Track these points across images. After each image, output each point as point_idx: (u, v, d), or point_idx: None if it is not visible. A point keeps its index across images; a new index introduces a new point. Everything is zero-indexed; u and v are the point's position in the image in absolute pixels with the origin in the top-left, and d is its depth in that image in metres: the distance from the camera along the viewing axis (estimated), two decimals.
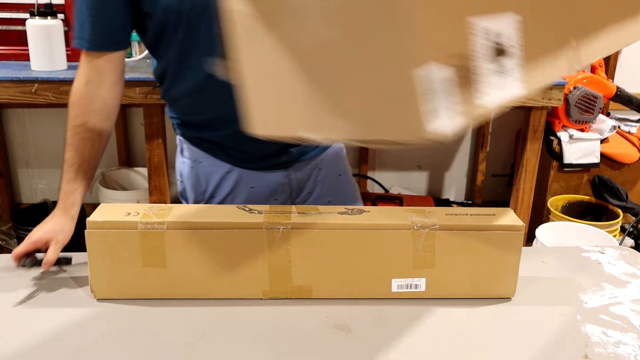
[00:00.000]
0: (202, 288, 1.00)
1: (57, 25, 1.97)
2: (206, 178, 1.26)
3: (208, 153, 1.25)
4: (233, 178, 1.25)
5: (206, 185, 1.27)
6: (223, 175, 1.25)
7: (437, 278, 1.01)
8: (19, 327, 0.93)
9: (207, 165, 1.26)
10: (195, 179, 1.27)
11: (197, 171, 1.27)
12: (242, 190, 1.26)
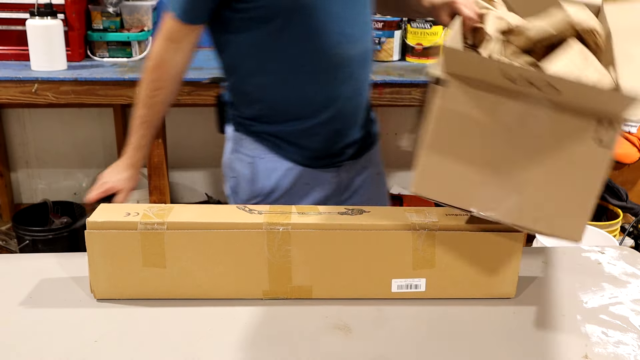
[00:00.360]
0: (202, 288, 1.00)
1: (57, 25, 1.97)
2: (267, 174, 1.28)
3: (271, 149, 1.27)
4: (293, 175, 1.28)
5: (265, 182, 1.28)
6: (284, 172, 1.27)
7: (437, 278, 1.01)
8: (19, 327, 0.93)
9: (269, 161, 1.28)
10: (253, 175, 1.29)
11: (257, 167, 1.28)
12: (300, 188, 1.29)
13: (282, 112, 1.25)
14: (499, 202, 0.88)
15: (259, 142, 1.28)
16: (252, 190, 1.30)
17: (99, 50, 2.19)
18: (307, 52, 1.18)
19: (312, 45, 1.17)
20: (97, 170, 2.77)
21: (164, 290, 1.00)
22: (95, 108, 2.68)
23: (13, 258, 1.20)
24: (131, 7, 2.22)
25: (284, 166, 1.27)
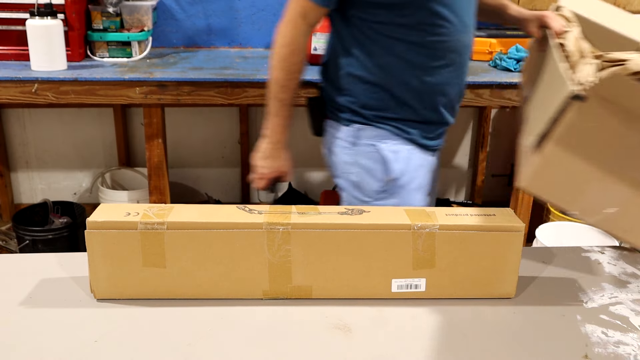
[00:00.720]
0: (202, 288, 1.00)
1: (57, 25, 1.97)
2: (394, 157, 1.35)
3: (392, 133, 1.35)
4: (413, 157, 1.37)
5: (394, 165, 1.35)
6: (407, 154, 1.36)
7: (437, 278, 1.01)
8: (19, 327, 0.93)
9: (392, 145, 1.35)
10: (379, 162, 1.35)
11: (382, 153, 1.35)
12: (416, 170, 1.38)
13: (402, 95, 1.32)
14: (600, 209, 0.96)
15: (380, 129, 1.34)
16: (381, 177, 1.36)
17: (99, 50, 2.19)
18: (431, 36, 1.26)
19: (436, 30, 1.26)
20: (97, 170, 2.77)
21: (164, 290, 1.00)
22: (95, 108, 2.68)
23: (13, 258, 1.20)
24: (131, 7, 2.23)
25: (405, 148, 1.36)
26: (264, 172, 1.43)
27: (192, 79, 1.98)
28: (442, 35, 1.28)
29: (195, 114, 2.74)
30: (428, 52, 1.29)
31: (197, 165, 2.86)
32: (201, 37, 2.53)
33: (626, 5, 2.43)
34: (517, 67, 2.22)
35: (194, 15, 2.50)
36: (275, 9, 2.52)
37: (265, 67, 2.17)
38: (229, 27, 2.52)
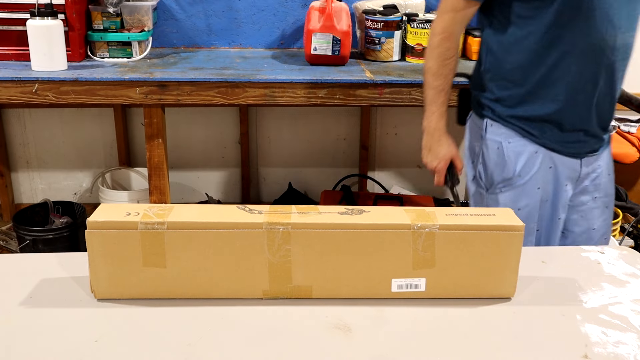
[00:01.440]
0: (202, 288, 1.00)
1: (58, 25, 1.97)
2: (514, 158, 1.39)
3: (518, 133, 1.38)
4: (539, 159, 1.38)
5: (514, 166, 1.39)
6: (530, 155, 1.38)
7: (437, 278, 1.01)
8: (19, 327, 0.93)
9: (516, 145, 1.38)
10: (501, 159, 1.40)
11: (505, 152, 1.39)
12: (543, 171, 1.39)
13: (536, 92, 1.34)
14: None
15: (507, 127, 1.38)
16: (499, 175, 1.41)
17: (100, 50, 2.19)
18: (573, 34, 1.27)
19: (579, 27, 1.26)
20: (97, 170, 2.78)
21: (164, 290, 1.00)
22: (95, 108, 2.68)
23: (13, 258, 1.20)
24: (131, 8, 2.23)
25: (530, 149, 1.37)
26: (432, 165, 1.47)
27: (192, 79, 1.98)
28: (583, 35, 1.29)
29: (195, 114, 2.74)
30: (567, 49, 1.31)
31: (197, 165, 2.86)
32: (201, 37, 2.53)
33: None
34: None
35: (194, 16, 2.50)
36: (275, 9, 2.52)
37: (265, 68, 2.17)
38: (229, 27, 2.52)
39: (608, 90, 1.36)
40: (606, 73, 1.33)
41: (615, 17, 1.28)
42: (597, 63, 1.32)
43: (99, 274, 0.98)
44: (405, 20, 2.33)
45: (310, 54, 2.17)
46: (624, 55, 1.34)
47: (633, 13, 1.32)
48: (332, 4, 2.15)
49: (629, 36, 1.33)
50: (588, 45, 1.29)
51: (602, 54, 1.31)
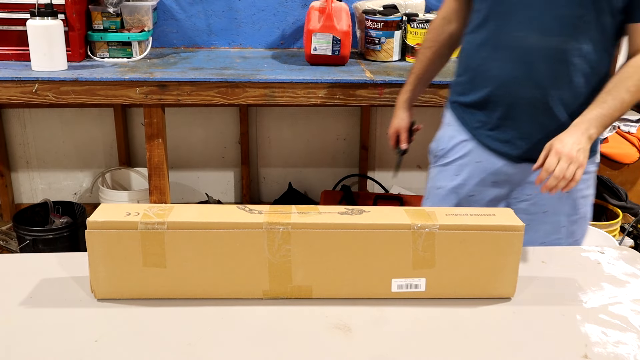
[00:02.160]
0: (202, 288, 1.00)
1: (58, 25, 1.97)
2: (447, 140, 1.48)
3: (456, 118, 1.46)
4: (466, 148, 1.43)
5: (443, 145, 1.49)
6: (459, 142, 1.45)
7: (437, 278, 1.01)
8: (19, 327, 0.93)
9: (453, 129, 1.47)
10: (440, 137, 1.52)
11: (444, 133, 1.50)
12: (470, 162, 1.43)
13: (466, 79, 1.42)
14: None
15: (452, 110, 1.48)
16: (436, 151, 1.52)
17: (100, 50, 2.19)
18: (497, 31, 1.32)
19: (500, 25, 1.31)
20: (97, 170, 2.77)
21: (164, 290, 1.00)
22: (95, 108, 2.68)
23: (13, 258, 1.21)
24: (131, 8, 2.23)
25: (461, 137, 1.44)
26: (393, 133, 1.60)
27: (193, 79, 1.98)
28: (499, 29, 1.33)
29: (195, 114, 2.74)
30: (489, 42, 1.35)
31: (197, 165, 2.86)
32: (201, 37, 2.53)
33: None
34: None
35: (194, 16, 2.50)
36: (275, 9, 2.52)
37: (265, 68, 2.17)
38: (229, 27, 2.52)
39: (530, 91, 1.32)
40: (523, 71, 1.31)
41: (532, 18, 1.27)
42: (517, 63, 1.30)
43: (99, 274, 0.98)
44: (405, 20, 2.33)
45: (310, 54, 2.17)
46: (548, 58, 1.29)
47: (564, 17, 1.26)
48: (332, 4, 2.15)
49: (559, 40, 1.27)
50: (508, 44, 1.31)
51: (515, 51, 1.30)
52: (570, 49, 1.27)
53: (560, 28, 1.27)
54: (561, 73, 1.29)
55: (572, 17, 1.25)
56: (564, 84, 1.30)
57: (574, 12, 1.25)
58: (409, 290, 1.02)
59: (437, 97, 2.09)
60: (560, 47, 1.27)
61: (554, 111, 1.32)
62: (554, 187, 1.18)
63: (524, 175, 1.40)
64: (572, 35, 1.27)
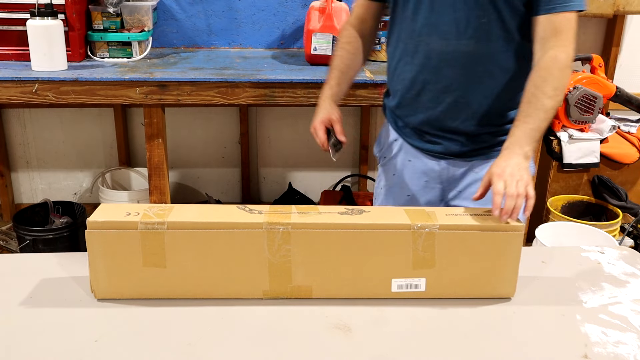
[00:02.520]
0: (202, 288, 1.00)
1: (58, 25, 1.97)
2: (384, 140, 1.52)
3: (388, 119, 1.49)
4: (396, 147, 1.47)
5: (381, 145, 1.53)
6: (392, 141, 1.48)
7: (437, 278, 1.01)
8: (19, 327, 0.93)
9: (386, 129, 1.51)
10: (380, 137, 1.55)
11: (382, 132, 1.54)
12: (403, 161, 1.46)
13: (389, 83, 1.45)
14: None
15: (383, 111, 1.51)
16: (376, 149, 1.56)
17: (100, 50, 2.19)
18: (402, 31, 1.33)
19: (405, 26, 1.31)
20: (97, 170, 2.77)
21: (164, 290, 1.00)
22: (95, 108, 2.68)
23: (13, 258, 1.20)
24: (131, 8, 2.22)
25: (392, 136, 1.47)
26: (317, 127, 1.45)
27: (193, 79, 1.98)
28: (407, 33, 1.33)
29: (195, 114, 2.74)
30: (400, 45, 1.36)
31: (197, 165, 2.86)
32: (201, 37, 2.52)
33: (626, 5, 2.43)
34: None
35: (194, 16, 2.50)
36: (275, 9, 2.52)
37: (266, 68, 2.17)
38: (229, 27, 2.52)
39: (451, 99, 1.31)
40: (431, 74, 1.30)
41: (439, 22, 1.26)
42: (426, 67, 1.31)
43: (99, 274, 0.98)
44: None
45: (310, 54, 2.17)
46: (454, 62, 1.28)
47: (462, 20, 1.24)
48: (332, 4, 2.15)
49: (463, 44, 1.26)
50: (416, 48, 1.30)
51: (422, 54, 1.30)
52: (475, 51, 1.26)
53: (462, 31, 1.25)
54: (471, 76, 1.29)
55: (471, 19, 1.24)
56: (475, 85, 1.30)
57: (473, 15, 1.23)
58: (409, 290, 1.02)
59: None
60: (464, 51, 1.27)
61: (470, 108, 1.32)
62: (513, 209, 1.04)
63: (451, 171, 1.41)
64: (474, 37, 1.25)
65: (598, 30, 2.77)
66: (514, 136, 1.18)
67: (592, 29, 2.77)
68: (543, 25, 1.22)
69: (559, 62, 1.21)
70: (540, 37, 1.24)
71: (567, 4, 1.21)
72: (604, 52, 2.77)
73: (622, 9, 2.44)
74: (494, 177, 1.09)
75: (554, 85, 1.20)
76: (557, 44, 1.22)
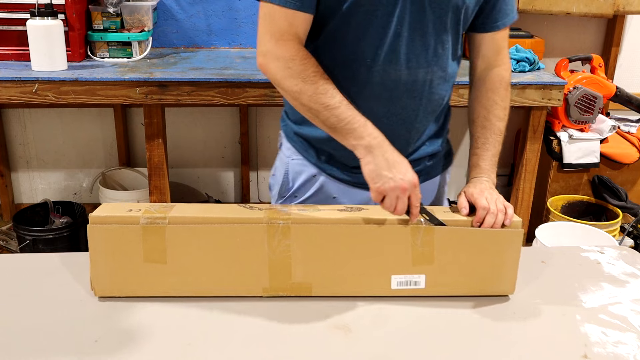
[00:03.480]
0: (203, 285, 1.00)
1: (58, 25, 1.97)
2: (294, 177, 1.27)
3: (300, 152, 1.25)
4: (317, 183, 1.25)
5: (292, 184, 1.27)
6: (309, 177, 1.25)
7: (436, 275, 1.01)
8: (19, 327, 0.93)
9: (297, 164, 1.26)
10: (284, 175, 1.28)
11: (289, 168, 1.27)
12: (324, 199, 1.25)
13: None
14: None
15: (292, 143, 1.26)
16: (282, 190, 1.29)
17: (100, 50, 2.19)
18: (343, 54, 1.11)
19: (350, 50, 1.10)
20: (97, 170, 2.77)
21: (165, 287, 1.00)
22: (95, 108, 2.68)
23: (13, 258, 1.20)
24: (131, 8, 2.23)
25: (309, 172, 1.25)
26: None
27: (193, 79, 1.98)
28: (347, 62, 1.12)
29: (195, 114, 2.74)
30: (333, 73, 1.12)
31: (197, 165, 2.86)
32: (201, 37, 2.53)
33: (626, 5, 2.43)
34: (517, 67, 2.23)
35: (194, 16, 2.50)
36: None
37: None
38: (229, 27, 2.52)
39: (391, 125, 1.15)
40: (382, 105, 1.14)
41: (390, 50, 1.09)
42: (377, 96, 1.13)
43: (100, 270, 0.98)
44: None
45: None
46: (413, 92, 1.14)
47: (434, 51, 1.12)
48: None
49: (422, 72, 1.13)
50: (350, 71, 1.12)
51: (369, 84, 1.12)
52: (435, 78, 1.16)
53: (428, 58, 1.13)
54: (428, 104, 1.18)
55: (437, 45, 1.13)
56: (429, 114, 1.20)
57: (439, 40, 1.12)
58: (409, 287, 1.02)
59: None
60: (428, 79, 1.15)
61: (419, 137, 1.22)
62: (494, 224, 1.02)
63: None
64: (437, 64, 1.14)
65: (598, 30, 2.77)
66: (479, 167, 1.16)
67: (592, 29, 2.77)
68: (487, 44, 1.21)
69: (504, 81, 1.21)
70: (482, 55, 1.22)
71: (507, 18, 1.20)
72: (604, 52, 2.77)
73: (622, 9, 2.44)
74: (475, 195, 1.06)
75: (503, 105, 1.20)
76: (500, 62, 1.21)
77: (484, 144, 1.18)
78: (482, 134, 1.18)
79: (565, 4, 2.36)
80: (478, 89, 1.22)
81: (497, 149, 1.18)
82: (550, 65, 2.55)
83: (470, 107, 1.23)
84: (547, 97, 2.16)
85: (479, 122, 1.19)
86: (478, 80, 1.23)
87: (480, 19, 1.19)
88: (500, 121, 1.19)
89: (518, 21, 1.29)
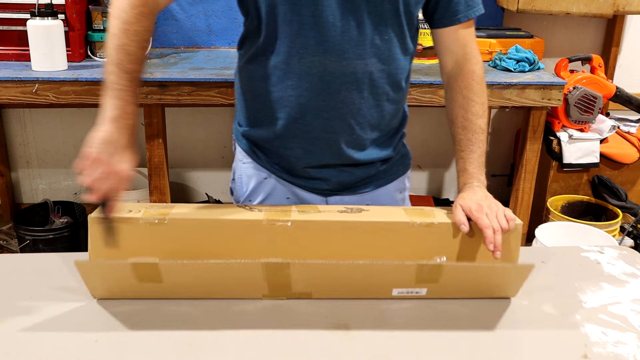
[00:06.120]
0: (201, 287, 1.00)
1: (58, 25, 1.97)
2: (246, 181, 1.25)
3: (249, 155, 1.23)
4: (269, 187, 1.23)
5: (246, 188, 1.25)
6: (260, 180, 1.23)
7: (439, 288, 1.01)
8: (19, 327, 0.93)
9: (248, 167, 1.24)
10: (239, 179, 1.27)
11: (241, 172, 1.26)
12: (277, 200, 1.23)
13: (253, 111, 1.19)
14: None
15: (242, 146, 1.24)
16: (237, 194, 1.28)
17: (100, 50, 2.19)
18: (279, 47, 1.09)
19: (285, 42, 1.08)
20: None
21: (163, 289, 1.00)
22: (95, 108, 2.67)
23: (13, 258, 1.20)
24: None
25: (260, 175, 1.23)
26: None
27: (193, 79, 1.98)
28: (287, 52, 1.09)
29: (195, 114, 2.74)
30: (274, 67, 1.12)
31: (197, 165, 2.86)
32: (201, 37, 2.53)
33: (625, 5, 2.44)
34: (516, 67, 2.23)
35: (194, 16, 2.50)
36: None
37: None
38: (229, 27, 2.52)
39: (333, 120, 1.13)
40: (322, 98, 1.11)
41: (332, 40, 1.06)
42: (303, 85, 1.10)
43: (100, 272, 0.98)
44: None
45: None
46: (354, 85, 1.11)
47: (372, 42, 1.09)
48: None
49: (361, 64, 1.09)
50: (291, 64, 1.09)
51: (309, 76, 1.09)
52: (376, 71, 1.13)
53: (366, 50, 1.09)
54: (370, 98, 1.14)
55: (375, 37, 1.09)
56: (373, 109, 1.16)
57: (376, 32, 1.09)
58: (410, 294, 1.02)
59: (437, 97, 2.09)
60: (367, 71, 1.11)
61: (366, 134, 1.18)
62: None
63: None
64: (376, 56, 1.11)
65: (598, 30, 2.77)
66: (467, 172, 1.13)
67: (592, 29, 2.77)
68: (451, 39, 1.17)
69: (477, 76, 1.17)
70: (449, 51, 1.18)
71: (470, 11, 1.16)
72: (603, 52, 2.77)
73: (622, 9, 2.44)
74: (473, 213, 1.03)
75: (480, 101, 1.16)
76: (469, 57, 1.17)
77: (467, 145, 1.15)
78: (464, 135, 1.16)
79: (565, 4, 2.36)
80: (452, 88, 1.19)
81: (482, 149, 1.15)
82: (550, 65, 2.55)
83: (448, 108, 1.21)
84: (547, 97, 2.16)
85: (459, 122, 1.17)
86: (450, 79, 1.20)
87: (438, 12, 1.15)
88: (479, 118, 1.16)
89: (518, 21, 1.29)
